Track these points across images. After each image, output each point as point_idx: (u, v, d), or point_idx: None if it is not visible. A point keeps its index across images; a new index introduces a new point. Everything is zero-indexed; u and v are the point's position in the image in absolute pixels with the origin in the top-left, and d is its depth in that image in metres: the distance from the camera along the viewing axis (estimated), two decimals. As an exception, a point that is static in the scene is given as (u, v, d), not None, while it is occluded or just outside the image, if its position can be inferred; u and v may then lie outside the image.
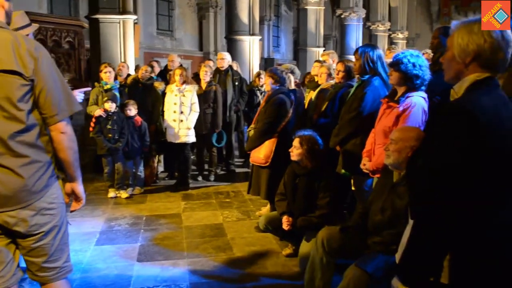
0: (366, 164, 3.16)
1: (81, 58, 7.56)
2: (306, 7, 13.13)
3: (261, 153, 3.97)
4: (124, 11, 8.06)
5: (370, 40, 15.44)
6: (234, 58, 10.73)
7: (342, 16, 14.25)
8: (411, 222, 1.66)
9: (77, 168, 2.06)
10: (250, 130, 4.35)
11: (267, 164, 3.97)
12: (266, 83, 4.13)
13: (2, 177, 1.81)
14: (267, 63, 15.67)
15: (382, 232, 2.43)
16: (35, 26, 2.58)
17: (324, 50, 10.92)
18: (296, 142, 3.48)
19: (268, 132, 3.98)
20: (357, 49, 3.49)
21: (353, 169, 3.44)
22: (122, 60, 8.08)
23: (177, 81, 5.90)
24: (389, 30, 17.54)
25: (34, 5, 13.35)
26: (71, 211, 2.19)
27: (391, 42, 17.70)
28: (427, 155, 1.55)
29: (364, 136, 3.33)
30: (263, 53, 19.65)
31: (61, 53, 7.27)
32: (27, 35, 2.52)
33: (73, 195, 2.16)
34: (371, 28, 16.55)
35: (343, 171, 3.63)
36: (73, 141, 2.00)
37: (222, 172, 7.00)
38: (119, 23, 8.05)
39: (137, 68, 6.97)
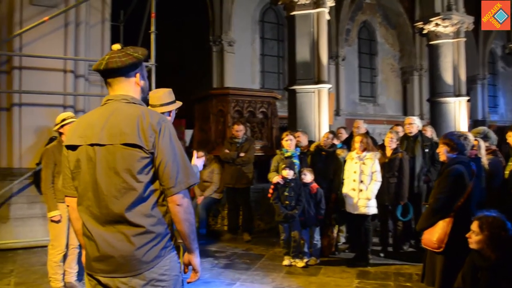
0: None
1: (273, 127, 8.03)
2: (527, 61, 11.38)
3: (434, 236, 3.30)
4: (319, 81, 8.36)
5: None
6: (437, 121, 9.93)
7: None
8: None
9: (193, 240, 2.02)
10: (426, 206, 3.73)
11: (441, 249, 3.28)
12: (441, 152, 3.51)
13: (117, 243, 1.88)
14: (477, 126, 13.93)
15: None
16: (178, 103, 2.79)
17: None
18: (474, 226, 2.79)
19: (440, 211, 3.30)
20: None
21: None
22: (317, 127, 8.29)
23: (357, 149, 5.65)
24: None
25: (248, 81, 15.25)
26: (188, 283, 2.15)
27: None
28: None
29: None
30: (476, 115, 17.70)
31: (255, 122, 7.87)
32: (170, 111, 2.72)
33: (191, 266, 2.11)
34: None
35: (548, 268, 2.71)
36: (189, 214, 1.97)
37: (410, 250, 6.22)
38: (314, 92, 8.36)
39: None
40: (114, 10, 8.12)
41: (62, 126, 4.18)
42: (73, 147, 1.97)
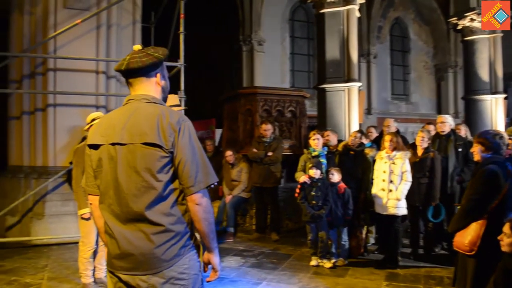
0: None
1: (302, 126, 7.97)
2: None
3: (466, 238, 3.17)
4: (349, 79, 8.23)
5: None
6: (472, 120, 9.62)
7: None
8: None
9: (212, 240, 2.02)
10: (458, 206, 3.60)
11: (474, 253, 3.15)
12: (475, 151, 3.38)
13: (137, 241, 1.90)
14: (515, 125, 13.39)
15: None
16: (180, 108, 2.82)
17: None
18: (506, 228, 2.67)
19: (473, 212, 3.17)
20: None
21: None
22: (347, 126, 8.17)
23: (386, 148, 5.53)
24: None
25: (278, 80, 15.21)
26: (207, 281, 2.15)
27: None
28: None
29: None
30: (515, 113, 17.02)
31: (283, 121, 7.85)
32: None
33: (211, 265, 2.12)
34: None
35: None
36: (208, 213, 1.97)
37: (442, 252, 6.04)
38: (343, 90, 8.23)
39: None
40: (145, 11, 8.26)
41: (92, 126, 4.27)
42: (95, 146, 2.00)
